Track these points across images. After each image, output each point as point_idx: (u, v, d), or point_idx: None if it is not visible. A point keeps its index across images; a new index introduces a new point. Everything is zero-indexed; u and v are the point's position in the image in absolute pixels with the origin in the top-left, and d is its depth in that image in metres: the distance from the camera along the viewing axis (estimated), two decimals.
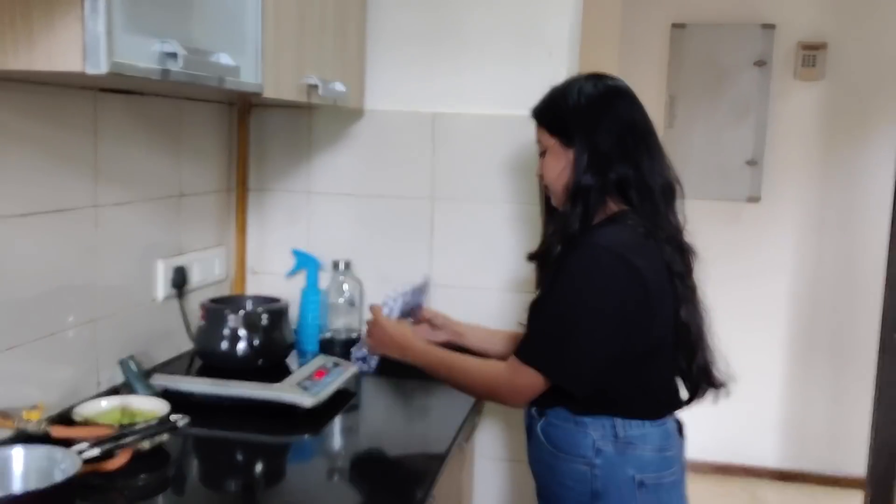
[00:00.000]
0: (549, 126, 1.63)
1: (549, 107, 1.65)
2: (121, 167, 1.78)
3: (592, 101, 1.59)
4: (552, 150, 1.62)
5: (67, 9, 1.10)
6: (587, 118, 1.58)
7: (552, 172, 1.63)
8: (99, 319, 1.74)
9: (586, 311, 1.49)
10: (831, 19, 3.91)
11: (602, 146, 1.56)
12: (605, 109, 1.58)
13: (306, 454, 1.72)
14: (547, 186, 1.67)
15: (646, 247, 1.53)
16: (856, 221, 4.00)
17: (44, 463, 1.26)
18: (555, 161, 1.62)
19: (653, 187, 1.57)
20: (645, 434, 1.56)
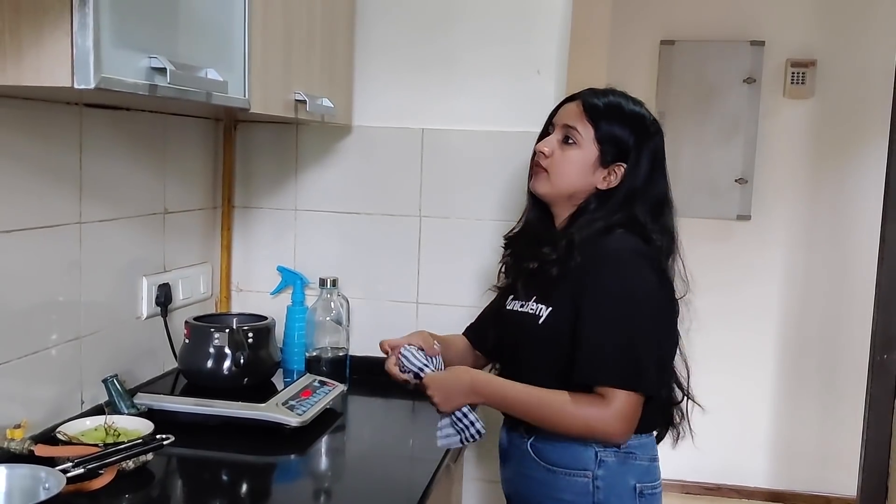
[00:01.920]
0: (606, 132, 1.60)
1: (617, 115, 1.62)
2: (106, 183, 1.77)
3: (655, 136, 1.63)
4: (583, 147, 1.61)
5: (56, 24, 1.09)
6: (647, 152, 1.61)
7: (572, 167, 1.62)
8: (83, 337, 1.72)
9: (641, 315, 1.52)
10: (820, 36, 3.94)
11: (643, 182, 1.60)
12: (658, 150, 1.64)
13: (292, 474, 1.70)
14: (545, 169, 1.64)
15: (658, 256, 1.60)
16: (846, 240, 4.01)
17: (28, 482, 1.25)
18: (581, 157, 1.61)
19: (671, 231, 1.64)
20: (642, 444, 1.59)
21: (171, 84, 1.23)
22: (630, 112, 1.63)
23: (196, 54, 1.36)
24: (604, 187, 1.61)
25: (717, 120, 4.03)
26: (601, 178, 1.61)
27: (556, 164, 1.63)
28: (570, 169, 1.62)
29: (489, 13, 2.14)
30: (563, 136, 1.64)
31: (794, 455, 4.13)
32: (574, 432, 1.52)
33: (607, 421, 1.47)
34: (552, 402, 1.52)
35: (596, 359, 1.49)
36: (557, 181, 1.63)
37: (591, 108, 1.62)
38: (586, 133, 1.61)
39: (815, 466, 4.10)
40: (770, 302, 4.08)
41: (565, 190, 1.63)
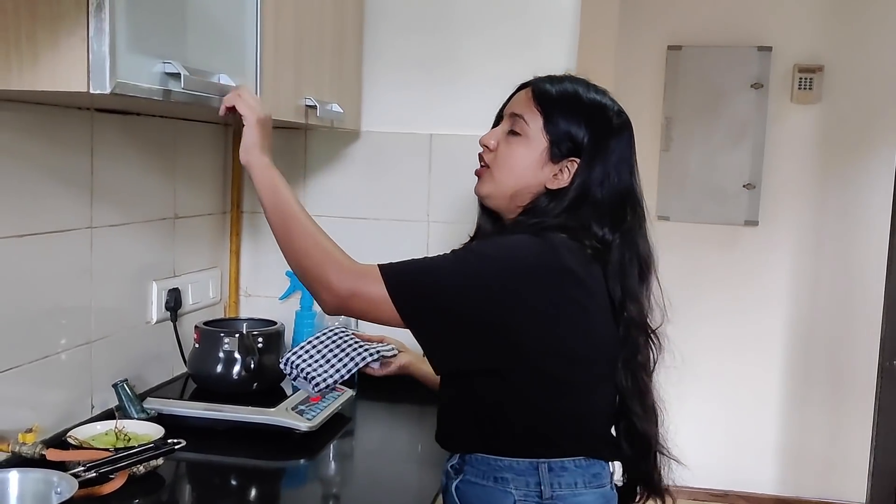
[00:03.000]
0: (557, 122, 1.40)
1: (571, 102, 1.42)
2: (116, 188, 1.77)
3: (619, 131, 1.42)
4: (529, 139, 1.41)
5: (72, 30, 1.11)
6: (606, 147, 1.40)
7: (516, 161, 1.41)
8: (93, 342, 1.72)
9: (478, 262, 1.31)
10: (828, 42, 3.93)
11: (598, 182, 1.39)
12: (622, 146, 1.42)
13: (302, 479, 1.70)
14: (487, 165, 1.46)
15: (591, 267, 1.35)
16: (854, 245, 4.00)
17: (40, 486, 1.26)
18: (526, 150, 1.41)
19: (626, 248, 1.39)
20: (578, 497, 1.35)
21: (184, 89, 1.25)
22: (588, 100, 1.42)
23: (208, 60, 1.37)
24: (554, 186, 1.40)
25: (725, 125, 4.02)
26: (551, 176, 1.40)
27: (499, 158, 1.44)
28: (514, 163, 1.41)
29: (497, 19, 2.15)
30: (509, 127, 1.44)
31: (802, 462, 4.11)
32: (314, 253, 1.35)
33: (344, 266, 1.33)
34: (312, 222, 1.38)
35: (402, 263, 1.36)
36: (500, 178, 1.43)
37: (541, 94, 1.43)
38: (534, 122, 1.40)
39: (823, 473, 4.09)
40: (777, 307, 4.07)
41: (508, 188, 1.42)
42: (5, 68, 1.14)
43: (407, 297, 1.30)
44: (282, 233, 1.39)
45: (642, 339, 1.42)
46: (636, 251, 1.41)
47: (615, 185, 1.39)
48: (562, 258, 1.31)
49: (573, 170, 1.39)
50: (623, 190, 1.41)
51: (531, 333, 1.31)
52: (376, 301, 1.30)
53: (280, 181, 1.41)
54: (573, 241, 1.33)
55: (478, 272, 1.30)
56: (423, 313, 1.31)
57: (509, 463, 1.36)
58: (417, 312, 1.31)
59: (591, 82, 1.48)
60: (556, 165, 1.40)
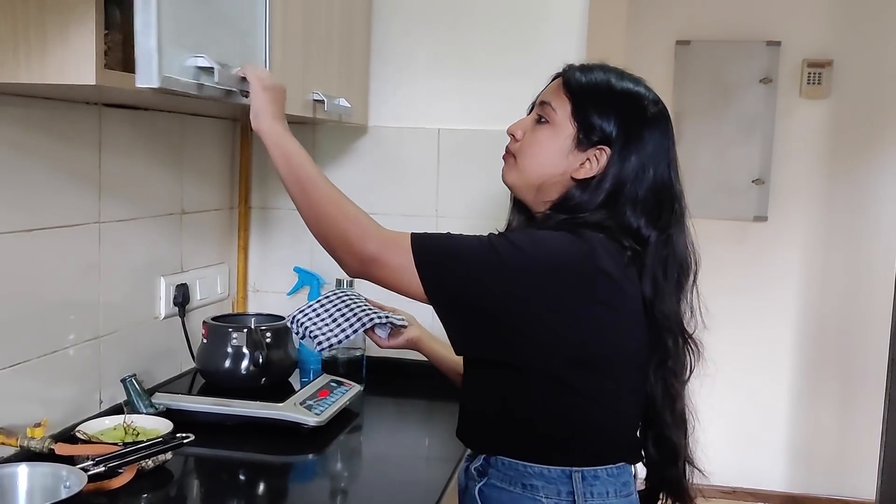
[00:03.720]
0: (586, 107, 1.34)
1: (602, 88, 1.37)
2: (124, 183, 1.77)
3: (654, 121, 1.36)
4: (555, 125, 1.36)
5: (81, 21, 1.11)
6: (640, 138, 1.34)
7: (540, 148, 1.37)
8: (101, 337, 1.73)
9: (512, 252, 1.25)
10: (837, 36, 3.92)
11: (633, 175, 1.32)
12: (657, 138, 1.36)
13: (310, 474, 1.70)
14: (513, 154, 1.41)
15: (628, 270, 1.29)
16: (863, 240, 3.98)
17: (49, 480, 1.26)
18: (551, 136, 1.36)
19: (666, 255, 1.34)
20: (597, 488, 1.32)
21: (217, 84, 1.25)
22: (620, 88, 1.38)
23: (224, 54, 1.36)
24: (580, 176, 1.34)
25: (734, 120, 4.01)
26: (577, 165, 1.34)
27: (524, 145, 1.39)
28: (538, 150, 1.37)
29: (505, 13, 2.14)
30: (538, 115, 1.40)
31: (811, 458, 4.10)
32: (338, 216, 1.31)
33: (370, 230, 1.29)
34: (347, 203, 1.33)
35: (432, 234, 1.32)
36: (523, 166, 1.38)
37: (571, 80, 1.38)
38: (562, 109, 1.36)
39: (832, 469, 4.07)
40: (787, 303, 4.06)
41: (533, 177, 1.37)
42: (13, 61, 1.14)
43: (433, 272, 1.26)
44: (300, 198, 1.34)
45: (675, 345, 1.36)
46: (674, 252, 1.35)
47: (651, 179, 1.33)
48: (598, 259, 1.25)
49: (602, 159, 1.33)
50: (660, 185, 1.34)
51: (554, 333, 1.26)
52: (401, 270, 1.26)
53: (293, 147, 1.35)
54: (611, 241, 1.28)
55: (510, 262, 1.25)
56: (448, 292, 1.27)
57: (540, 470, 1.32)
58: (442, 290, 1.27)
59: (626, 71, 1.42)
60: (582, 154, 1.34)
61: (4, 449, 1.43)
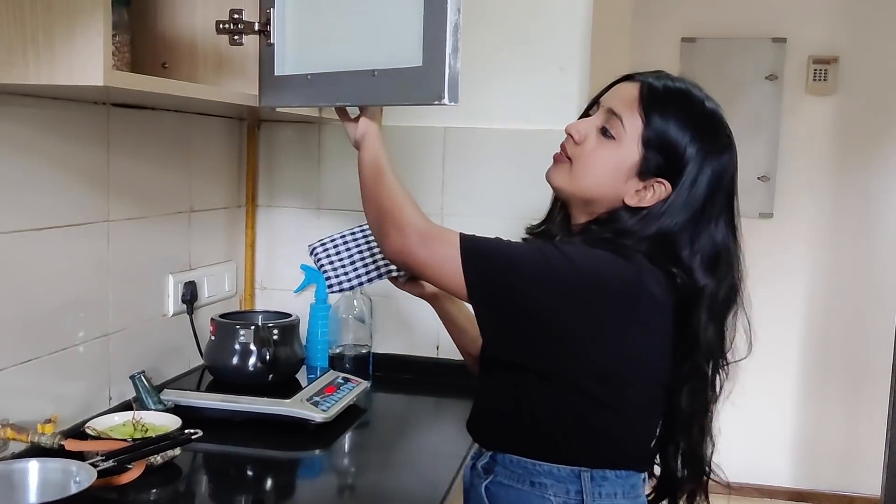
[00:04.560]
0: (658, 134, 1.26)
1: (682, 112, 1.28)
2: (133, 182, 1.79)
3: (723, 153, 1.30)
4: (622, 145, 1.28)
5: (89, 24, 1.12)
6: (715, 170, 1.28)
7: (602, 165, 1.30)
8: (110, 334, 1.74)
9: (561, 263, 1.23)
10: (842, 33, 3.91)
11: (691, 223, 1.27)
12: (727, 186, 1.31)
13: (317, 470, 1.72)
14: (569, 157, 1.34)
15: (669, 296, 1.27)
16: (870, 237, 3.98)
17: (59, 475, 1.27)
18: (616, 158, 1.29)
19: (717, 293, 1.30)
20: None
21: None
22: (702, 113, 1.29)
23: None
24: (632, 203, 1.29)
25: (739, 117, 3.99)
26: (633, 191, 1.29)
27: (584, 156, 1.32)
28: (597, 167, 1.30)
29: (511, 11, 2.15)
30: (603, 124, 1.31)
31: (817, 454, 4.10)
32: (387, 203, 1.31)
33: (415, 222, 1.27)
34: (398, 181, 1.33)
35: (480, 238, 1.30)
36: (579, 177, 1.32)
37: (651, 95, 1.28)
38: (632, 128, 1.27)
39: (838, 466, 4.08)
40: (793, 300, 4.06)
41: (585, 191, 1.32)
42: (22, 63, 1.15)
43: (478, 270, 1.23)
44: (370, 182, 1.35)
45: (711, 369, 1.36)
46: (726, 288, 1.33)
47: (709, 230, 1.29)
48: (644, 282, 1.23)
49: (659, 192, 1.27)
50: (719, 240, 1.30)
51: (589, 348, 1.25)
52: (444, 262, 1.24)
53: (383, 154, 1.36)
54: (658, 268, 1.25)
55: (558, 273, 1.22)
56: (490, 292, 1.24)
57: (549, 468, 1.31)
58: (484, 288, 1.24)
59: (707, 99, 1.33)
60: (641, 182, 1.28)
61: (15, 445, 1.44)
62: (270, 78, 1.43)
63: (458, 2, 1.13)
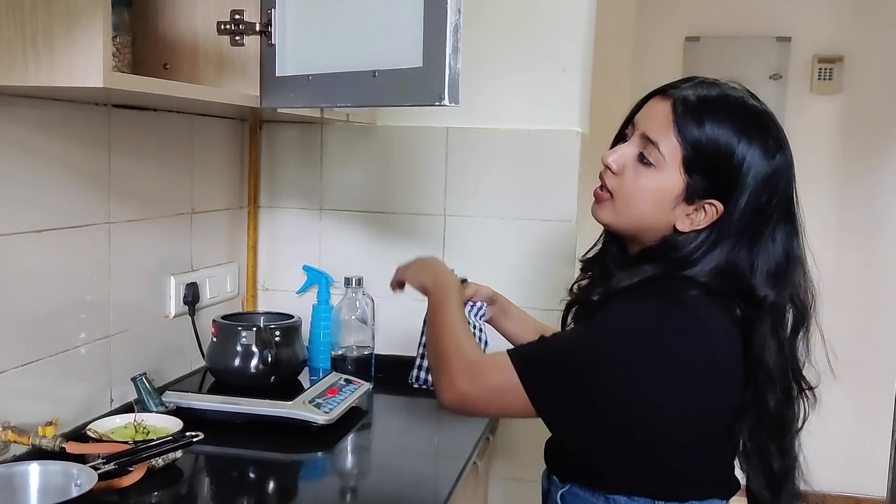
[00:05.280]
0: (701, 157, 1.18)
1: (724, 131, 1.18)
2: (134, 183, 1.78)
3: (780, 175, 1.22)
4: (662, 172, 1.20)
5: (89, 25, 1.11)
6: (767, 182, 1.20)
7: (645, 196, 1.23)
8: (112, 336, 1.74)
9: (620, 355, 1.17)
10: (847, 32, 3.90)
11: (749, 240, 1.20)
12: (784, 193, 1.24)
13: (319, 472, 1.71)
14: (610, 191, 1.26)
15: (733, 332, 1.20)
16: (875, 237, 3.96)
17: (60, 478, 1.27)
18: (658, 186, 1.21)
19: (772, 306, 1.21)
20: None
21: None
22: (744, 116, 1.20)
23: None
24: (685, 228, 1.21)
25: None
26: (683, 216, 1.21)
27: (625, 190, 1.24)
28: (641, 199, 1.22)
29: (513, 11, 2.14)
30: (639, 150, 1.23)
31: (822, 455, 4.07)
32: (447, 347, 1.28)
33: (470, 359, 1.24)
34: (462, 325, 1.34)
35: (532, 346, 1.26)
36: (624, 211, 1.25)
37: (685, 113, 1.18)
38: (671, 155, 1.19)
39: (843, 467, 4.06)
40: None
41: (633, 225, 1.26)
42: (22, 65, 1.15)
43: (542, 387, 1.18)
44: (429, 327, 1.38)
45: (779, 401, 1.24)
46: (793, 303, 1.24)
47: (769, 244, 1.21)
48: (708, 342, 1.17)
49: (711, 213, 1.20)
50: (782, 249, 1.22)
51: (666, 419, 1.18)
52: (504, 390, 1.19)
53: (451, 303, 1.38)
54: (716, 305, 1.18)
55: (622, 368, 1.15)
56: (560, 405, 1.19)
57: (625, 501, 1.25)
58: (553, 403, 1.19)
59: (748, 102, 1.23)
60: (690, 206, 1.21)
61: (16, 447, 1.44)
62: (272, 79, 1.43)
63: (458, 2, 1.13)
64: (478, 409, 1.28)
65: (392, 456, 1.77)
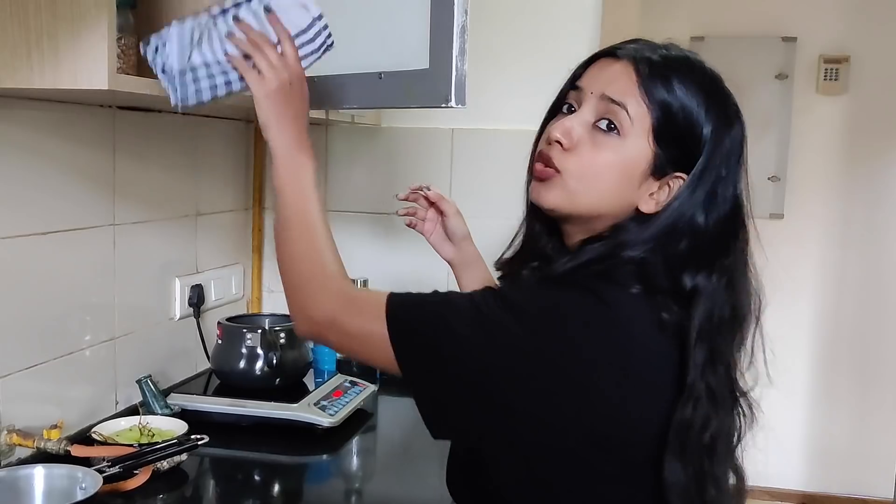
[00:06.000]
0: (673, 120, 1.00)
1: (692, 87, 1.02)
2: (139, 185, 1.78)
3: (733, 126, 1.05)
4: (627, 144, 1.01)
5: (94, 27, 1.11)
6: (727, 149, 1.04)
7: (608, 173, 1.02)
8: (117, 338, 1.74)
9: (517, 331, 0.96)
10: (853, 32, 3.88)
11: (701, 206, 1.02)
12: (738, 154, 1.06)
13: (324, 474, 1.71)
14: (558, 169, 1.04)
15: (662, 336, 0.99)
16: (881, 238, 3.95)
17: (65, 482, 1.27)
18: (622, 160, 1.01)
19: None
20: None
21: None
22: (710, 80, 1.05)
23: None
24: (648, 209, 1.03)
25: (749, 117, 3.86)
26: (647, 195, 1.03)
27: (583, 165, 1.03)
28: (605, 176, 1.02)
29: (519, 11, 2.14)
30: (600, 117, 1.03)
31: (828, 457, 4.07)
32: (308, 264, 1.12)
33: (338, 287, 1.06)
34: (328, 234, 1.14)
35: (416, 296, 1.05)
36: (578, 193, 1.03)
37: (652, 74, 1.01)
38: (640, 119, 1.00)
39: (850, 468, 4.04)
40: (803, 301, 4.03)
41: (590, 209, 1.04)
42: (27, 67, 1.15)
43: (412, 347, 1.00)
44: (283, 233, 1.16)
45: (721, 410, 1.08)
46: (733, 297, 1.07)
47: (721, 207, 1.03)
48: (630, 337, 0.97)
49: (675, 188, 1.02)
50: (730, 213, 1.04)
51: (564, 420, 0.97)
52: (368, 337, 1.02)
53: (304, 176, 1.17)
54: (645, 301, 0.98)
55: (514, 344, 0.95)
56: (428, 371, 1.01)
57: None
58: (420, 368, 1.01)
59: (704, 63, 1.08)
60: (657, 181, 1.03)
61: (21, 450, 1.44)
62: None
63: (465, 3, 1.12)
64: (335, 345, 1.14)
65: (398, 458, 1.77)
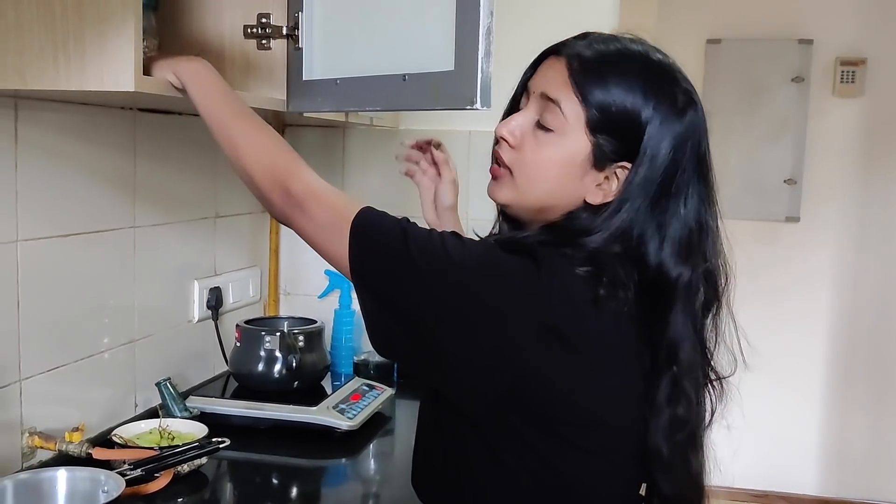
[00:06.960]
0: (606, 113, 1.03)
1: (626, 81, 1.04)
2: (159, 187, 1.78)
3: (685, 113, 1.05)
4: (565, 137, 1.05)
5: (120, 30, 1.11)
6: (680, 137, 1.04)
7: (548, 167, 1.07)
8: (136, 341, 1.74)
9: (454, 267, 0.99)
10: (870, 34, 3.86)
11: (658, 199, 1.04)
12: (693, 136, 1.06)
13: (342, 478, 1.70)
14: (508, 167, 1.11)
15: (616, 321, 1.02)
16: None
17: (88, 485, 1.26)
18: (562, 155, 1.06)
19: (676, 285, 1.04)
20: None
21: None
22: (650, 69, 1.06)
23: None
24: (595, 201, 1.06)
25: (765, 120, 3.96)
26: (593, 186, 1.07)
27: (526, 163, 1.09)
28: (545, 173, 1.08)
29: (535, 12, 2.13)
30: (538, 116, 1.09)
31: (843, 462, 4.05)
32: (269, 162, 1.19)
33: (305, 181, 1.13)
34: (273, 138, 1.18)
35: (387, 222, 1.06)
36: (526, 188, 1.09)
37: (582, 68, 1.05)
38: (574, 115, 1.05)
39: (865, 473, 4.02)
40: (819, 305, 4.01)
41: (534, 201, 1.10)
42: (53, 69, 1.14)
43: (365, 248, 1.03)
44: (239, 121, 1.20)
45: (691, 391, 1.06)
46: (700, 285, 1.06)
47: (676, 194, 1.05)
48: (550, 311, 0.98)
49: (622, 177, 1.05)
50: (688, 200, 1.06)
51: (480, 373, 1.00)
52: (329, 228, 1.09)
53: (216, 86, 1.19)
54: (593, 283, 0.99)
55: (448, 279, 0.99)
56: (375, 282, 1.03)
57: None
58: (368, 277, 1.04)
59: (651, 49, 1.09)
60: (600, 172, 1.06)
61: (43, 453, 1.44)
62: (298, 82, 1.42)
63: (490, 4, 1.11)
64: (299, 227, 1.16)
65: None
